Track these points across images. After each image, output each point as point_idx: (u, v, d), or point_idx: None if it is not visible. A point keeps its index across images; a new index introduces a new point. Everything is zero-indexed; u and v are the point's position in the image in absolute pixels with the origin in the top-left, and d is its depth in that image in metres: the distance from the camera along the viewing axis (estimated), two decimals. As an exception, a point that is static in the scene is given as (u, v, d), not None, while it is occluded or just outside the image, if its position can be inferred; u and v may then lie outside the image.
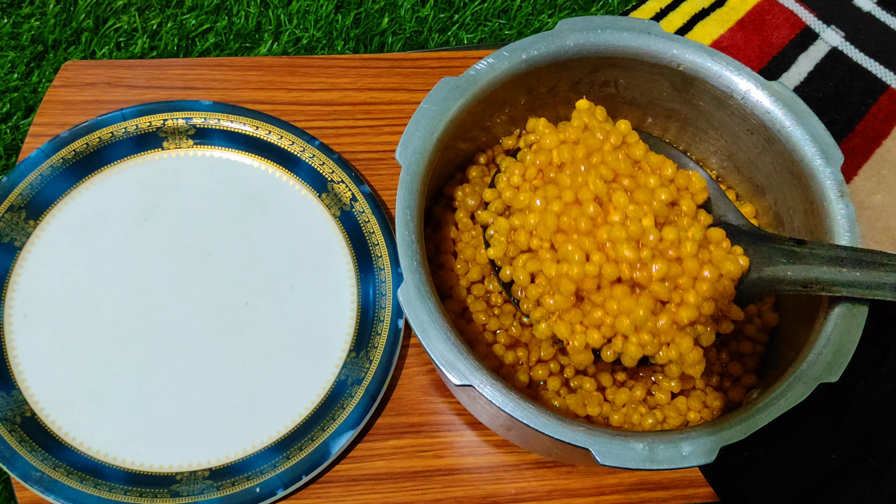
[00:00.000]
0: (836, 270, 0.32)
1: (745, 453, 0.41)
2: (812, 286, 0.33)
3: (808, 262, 0.33)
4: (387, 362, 0.40)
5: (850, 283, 0.32)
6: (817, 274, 0.32)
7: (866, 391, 0.43)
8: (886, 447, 0.42)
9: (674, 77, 0.38)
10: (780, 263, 0.34)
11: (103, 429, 0.39)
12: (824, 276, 0.32)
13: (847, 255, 0.32)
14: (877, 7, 0.57)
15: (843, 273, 0.32)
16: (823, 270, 0.32)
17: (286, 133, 0.45)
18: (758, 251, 0.35)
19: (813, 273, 0.33)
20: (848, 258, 0.32)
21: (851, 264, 0.32)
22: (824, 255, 0.33)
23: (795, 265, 0.33)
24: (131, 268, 0.43)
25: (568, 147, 0.35)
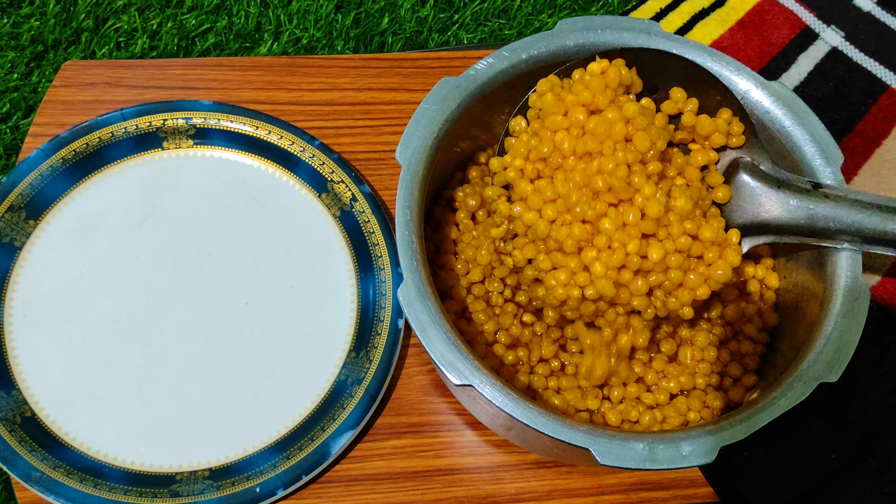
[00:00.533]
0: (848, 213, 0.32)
1: (745, 453, 0.41)
2: (826, 234, 0.33)
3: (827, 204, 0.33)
4: (387, 362, 0.40)
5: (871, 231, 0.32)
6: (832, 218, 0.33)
7: (866, 391, 0.43)
8: (886, 447, 0.42)
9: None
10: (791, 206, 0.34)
11: (103, 429, 0.39)
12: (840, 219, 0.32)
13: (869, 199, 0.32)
14: (877, 7, 0.57)
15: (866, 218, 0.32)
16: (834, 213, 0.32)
17: (286, 133, 0.45)
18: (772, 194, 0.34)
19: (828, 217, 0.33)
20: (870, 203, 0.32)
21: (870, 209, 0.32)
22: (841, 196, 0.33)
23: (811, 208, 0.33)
24: (131, 268, 0.43)
25: (570, 137, 0.33)
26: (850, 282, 0.34)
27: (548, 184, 0.34)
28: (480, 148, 0.42)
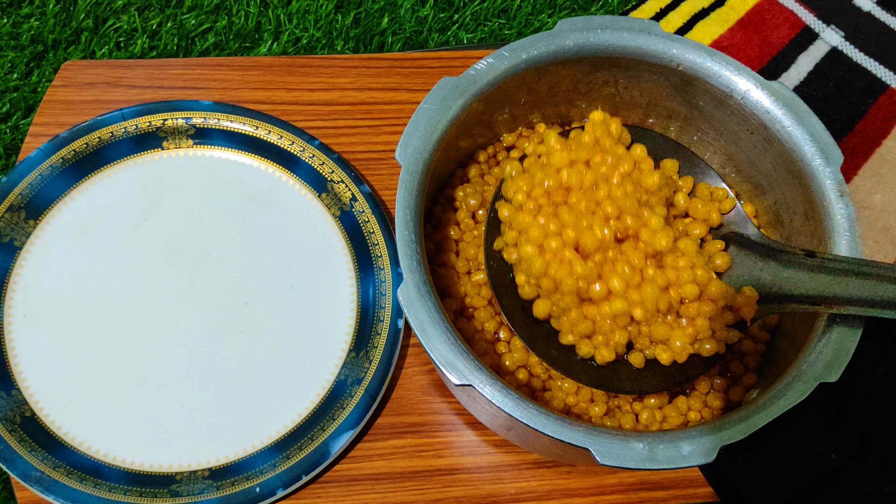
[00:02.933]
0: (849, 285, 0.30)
1: (745, 453, 0.41)
2: (822, 303, 0.31)
3: (819, 275, 0.31)
4: (387, 362, 0.40)
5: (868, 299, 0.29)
6: (830, 290, 0.31)
7: (866, 390, 0.43)
8: (886, 446, 0.42)
9: (674, 77, 0.38)
10: (790, 279, 0.33)
11: (103, 429, 0.39)
12: (838, 291, 0.31)
13: (864, 269, 0.30)
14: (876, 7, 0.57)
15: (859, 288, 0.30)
16: (836, 286, 0.31)
17: (286, 133, 0.45)
18: (768, 265, 0.34)
19: (824, 289, 0.31)
20: (865, 272, 0.30)
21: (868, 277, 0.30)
22: (837, 267, 0.31)
23: (806, 280, 0.32)
24: (131, 268, 0.43)
25: (577, 171, 0.34)
26: (850, 282, 0.33)
27: (550, 217, 0.34)
28: (481, 147, 0.42)
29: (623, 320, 0.33)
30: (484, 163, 0.42)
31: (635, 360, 0.35)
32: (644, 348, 0.35)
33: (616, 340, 0.34)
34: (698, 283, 0.33)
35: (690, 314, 0.34)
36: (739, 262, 0.36)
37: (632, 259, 0.33)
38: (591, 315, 0.34)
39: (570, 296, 0.33)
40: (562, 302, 0.34)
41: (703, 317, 0.34)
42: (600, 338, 0.34)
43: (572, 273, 0.33)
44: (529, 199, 0.35)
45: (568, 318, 0.34)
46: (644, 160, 0.35)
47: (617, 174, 0.34)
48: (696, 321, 0.34)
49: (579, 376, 0.35)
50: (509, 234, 0.36)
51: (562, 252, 0.33)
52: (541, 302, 0.35)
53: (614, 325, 0.34)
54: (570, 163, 0.35)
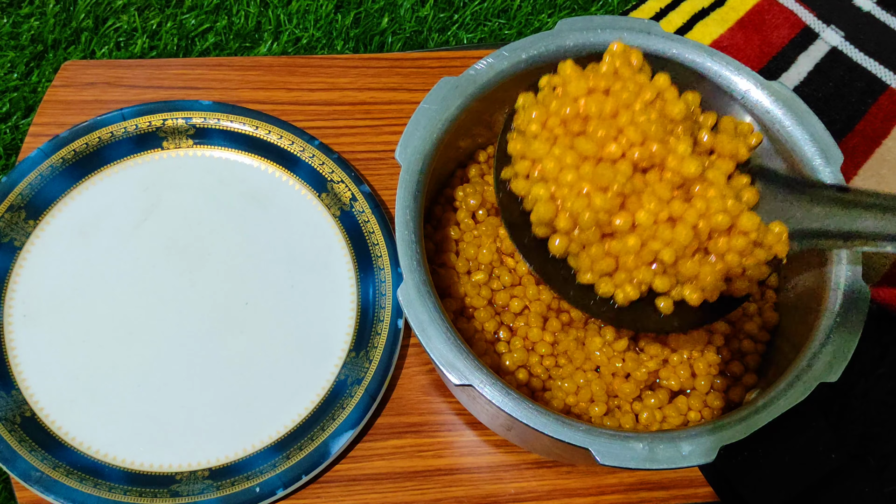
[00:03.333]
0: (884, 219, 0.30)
1: (745, 453, 0.41)
2: (855, 239, 0.30)
3: (853, 210, 0.31)
4: (387, 362, 0.40)
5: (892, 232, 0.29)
6: (864, 224, 0.30)
7: (866, 391, 0.43)
8: (886, 447, 0.42)
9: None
10: (821, 214, 0.31)
11: (103, 429, 0.39)
12: (871, 226, 0.30)
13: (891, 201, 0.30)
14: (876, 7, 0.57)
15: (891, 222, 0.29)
16: (870, 220, 0.30)
17: (286, 133, 0.45)
18: (798, 201, 0.32)
19: (857, 224, 0.30)
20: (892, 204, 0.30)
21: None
22: (871, 202, 0.30)
23: (839, 215, 0.31)
24: (131, 268, 0.43)
25: (596, 99, 0.31)
26: (850, 282, 0.34)
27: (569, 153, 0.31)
28: (481, 147, 0.42)
29: (649, 256, 0.31)
30: (484, 163, 0.42)
31: (663, 306, 0.32)
32: (671, 288, 0.32)
33: (640, 278, 0.31)
34: (729, 213, 0.31)
35: (720, 250, 0.31)
36: (768, 197, 0.33)
37: (658, 190, 0.31)
38: (615, 251, 0.31)
39: (590, 230, 0.31)
40: (581, 237, 0.31)
41: (733, 251, 0.31)
42: (623, 275, 0.32)
43: (591, 206, 0.30)
44: (544, 130, 0.32)
45: (588, 254, 0.31)
46: (668, 89, 0.32)
47: (639, 101, 0.31)
48: (726, 257, 0.31)
49: (599, 314, 0.33)
50: (521, 163, 0.33)
51: (579, 185, 0.31)
52: (557, 237, 0.32)
53: (639, 261, 0.31)
54: (587, 91, 0.32)
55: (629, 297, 0.32)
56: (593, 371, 0.37)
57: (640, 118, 0.31)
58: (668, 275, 0.31)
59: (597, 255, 0.31)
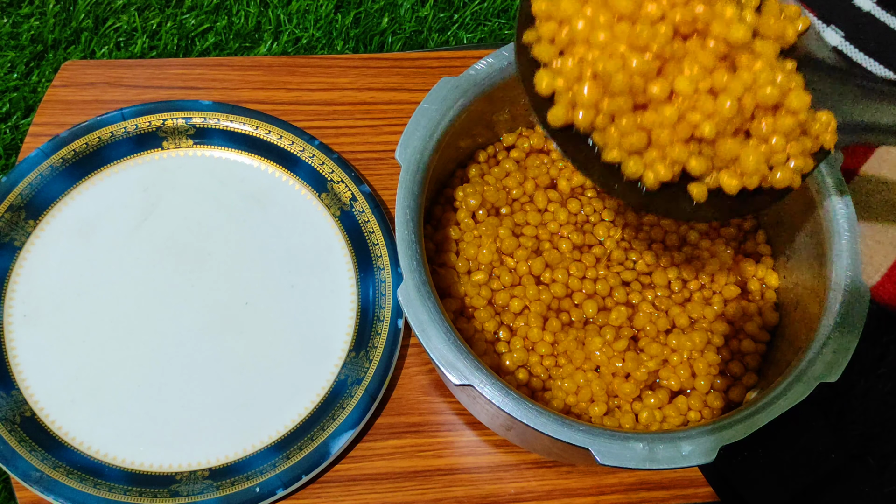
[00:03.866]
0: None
1: (745, 453, 0.41)
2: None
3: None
4: (387, 362, 0.40)
5: None
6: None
7: (866, 390, 0.43)
8: (886, 446, 0.42)
9: None
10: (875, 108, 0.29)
11: (103, 429, 0.39)
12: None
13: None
14: (877, 7, 0.57)
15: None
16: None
17: (286, 133, 0.45)
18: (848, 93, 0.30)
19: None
20: None
21: None
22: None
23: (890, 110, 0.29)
24: (131, 267, 0.43)
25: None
26: (850, 282, 0.34)
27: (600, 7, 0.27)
28: (481, 147, 0.42)
29: (686, 131, 0.27)
30: (484, 163, 0.42)
31: (696, 192, 0.29)
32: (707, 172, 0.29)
33: (675, 157, 0.28)
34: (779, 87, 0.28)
35: (764, 132, 0.28)
36: (814, 87, 0.29)
37: (701, 57, 0.27)
38: (647, 123, 0.28)
39: (623, 96, 0.27)
40: (611, 105, 0.27)
41: (779, 133, 0.28)
42: (654, 153, 0.28)
43: (626, 68, 0.26)
44: None
45: (618, 126, 0.28)
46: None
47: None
48: (771, 139, 0.28)
49: (624, 196, 0.29)
50: (546, 25, 0.29)
51: (612, 45, 0.27)
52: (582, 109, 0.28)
53: (675, 136, 0.28)
54: None
55: (660, 178, 0.28)
56: (593, 371, 0.37)
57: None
58: (705, 156, 0.28)
59: (628, 127, 0.28)
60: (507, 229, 0.39)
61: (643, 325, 0.38)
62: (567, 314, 0.38)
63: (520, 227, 0.40)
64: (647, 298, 0.39)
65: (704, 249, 0.40)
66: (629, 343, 0.37)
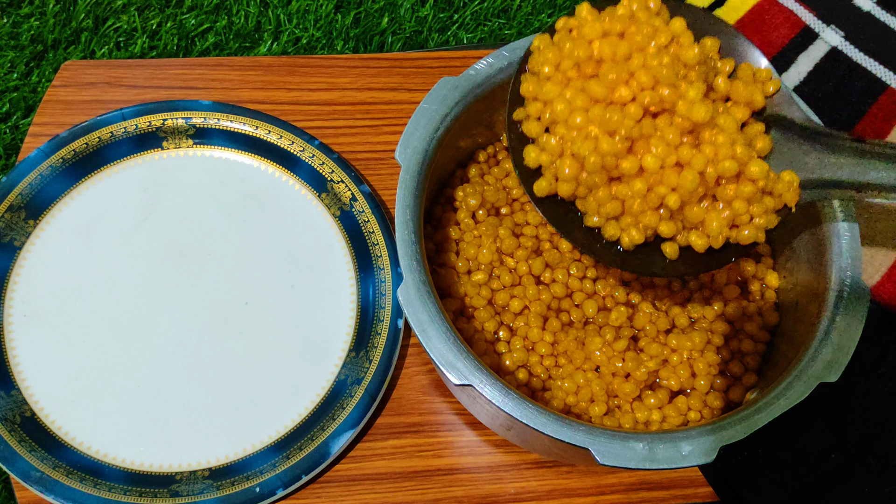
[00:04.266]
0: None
1: (745, 453, 0.41)
2: (867, 190, 0.31)
3: (869, 161, 0.31)
4: (386, 362, 0.40)
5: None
6: (878, 175, 0.30)
7: (866, 390, 0.43)
8: (886, 446, 0.42)
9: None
10: (836, 164, 0.31)
11: (103, 429, 0.39)
12: (885, 178, 0.30)
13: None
14: (877, 7, 0.57)
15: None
16: (884, 171, 0.30)
17: (286, 133, 0.45)
18: (813, 150, 0.32)
19: (872, 174, 0.30)
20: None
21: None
22: (887, 153, 0.30)
23: (853, 165, 0.31)
24: (131, 268, 0.43)
25: (610, 41, 0.31)
26: (850, 282, 0.34)
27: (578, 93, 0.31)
28: (480, 147, 0.42)
29: (655, 201, 0.31)
30: (484, 163, 0.42)
31: (669, 251, 0.32)
32: (676, 233, 0.32)
33: (646, 223, 0.31)
34: (738, 160, 0.30)
35: (728, 196, 0.31)
36: (782, 146, 0.33)
37: (667, 135, 0.30)
38: (621, 195, 0.31)
39: (596, 174, 0.31)
40: (588, 180, 0.31)
41: (741, 199, 0.31)
42: (629, 219, 0.32)
43: (598, 150, 0.30)
44: (558, 72, 0.32)
45: (595, 197, 0.31)
46: (683, 33, 0.32)
47: (653, 45, 0.31)
48: (733, 204, 0.31)
49: (604, 257, 0.33)
50: (533, 105, 0.32)
51: (587, 128, 0.30)
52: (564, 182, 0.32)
53: (645, 205, 0.31)
54: (602, 34, 0.31)
55: (634, 241, 0.32)
56: (593, 371, 0.37)
57: (652, 62, 0.30)
58: (675, 220, 0.31)
59: (603, 198, 0.31)
60: (507, 229, 0.39)
61: (643, 325, 0.38)
62: (567, 314, 0.38)
63: (520, 227, 0.40)
64: (647, 298, 0.39)
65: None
66: (629, 343, 0.37)
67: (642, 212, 0.31)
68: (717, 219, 0.31)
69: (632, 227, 0.31)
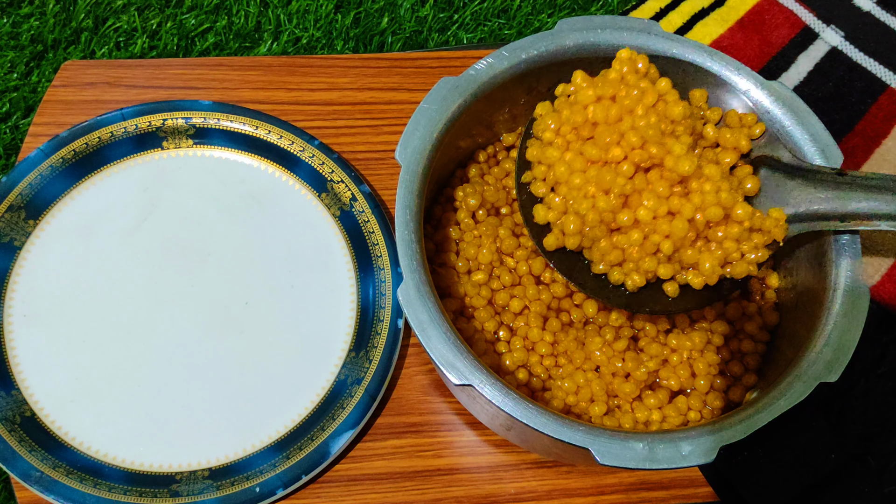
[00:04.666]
0: (876, 199, 0.32)
1: (745, 453, 0.41)
2: (851, 219, 0.33)
3: (849, 192, 0.33)
4: (386, 362, 0.40)
5: (891, 214, 0.32)
6: (858, 205, 0.33)
7: (866, 390, 0.43)
8: (886, 446, 0.42)
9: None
10: (819, 197, 0.34)
11: (103, 429, 0.39)
12: (864, 207, 0.32)
13: (889, 183, 0.32)
14: (876, 7, 0.57)
15: (884, 202, 0.32)
16: (864, 201, 0.32)
17: (286, 133, 0.45)
18: (798, 186, 0.34)
19: (853, 204, 0.33)
20: (891, 186, 0.32)
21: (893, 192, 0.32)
22: (866, 183, 0.33)
23: (835, 197, 0.33)
24: (131, 268, 0.43)
25: (602, 105, 0.34)
26: (850, 282, 0.34)
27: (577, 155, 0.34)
28: (481, 147, 0.42)
29: (651, 248, 0.34)
30: (484, 163, 0.42)
31: (670, 290, 0.35)
32: (675, 274, 0.34)
33: (646, 267, 0.34)
34: (723, 206, 0.33)
35: (718, 238, 0.34)
36: (770, 184, 0.35)
37: (657, 188, 0.33)
38: (621, 244, 0.34)
39: (597, 228, 0.33)
40: (590, 234, 0.34)
41: (730, 239, 0.34)
42: (630, 265, 0.34)
43: (595, 207, 0.33)
44: (558, 137, 0.35)
45: (598, 248, 0.34)
46: (669, 92, 0.34)
47: (641, 106, 0.34)
48: (723, 244, 0.34)
49: (612, 300, 0.35)
50: (538, 168, 0.36)
51: (585, 188, 0.33)
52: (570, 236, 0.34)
53: (643, 252, 0.34)
54: (596, 99, 0.34)
55: (637, 284, 0.34)
56: (593, 371, 0.37)
57: (640, 122, 0.33)
58: (672, 262, 0.34)
59: (605, 248, 0.34)
60: (507, 229, 0.39)
61: (643, 325, 0.38)
62: (567, 314, 0.38)
63: (520, 226, 0.40)
64: (647, 298, 0.39)
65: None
66: (629, 343, 0.37)
67: (641, 258, 0.34)
68: (710, 259, 0.34)
69: (633, 272, 0.34)
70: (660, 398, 0.36)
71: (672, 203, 0.33)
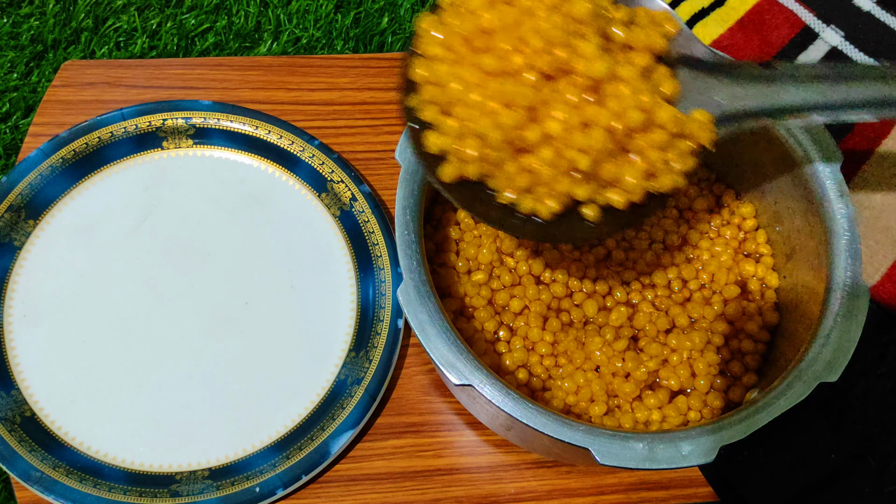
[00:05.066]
0: (807, 90, 0.30)
1: (745, 453, 0.41)
2: (781, 114, 0.30)
3: (779, 85, 0.30)
4: (386, 362, 0.40)
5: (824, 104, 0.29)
6: (788, 98, 0.30)
7: (866, 390, 0.43)
8: (886, 446, 0.42)
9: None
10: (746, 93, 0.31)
11: (103, 429, 0.39)
12: (795, 99, 0.30)
13: (819, 71, 0.30)
14: (876, 7, 0.57)
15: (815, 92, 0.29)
16: (794, 92, 0.30)
17: (286, 133, 0.45)
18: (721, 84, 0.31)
19: (783, 97, 0.30)
20: (821, 74, 0.30)
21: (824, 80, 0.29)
22: (796, 74, 0.30)
23: (763, 91, 0.31)
24: (131, 268, 0.43)
25: (497, 10, 0.29)
26: (850, 282, 0.34)
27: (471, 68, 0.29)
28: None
29: (566, 165, 0.29)
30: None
31: (590, 214, 0.31)
32: (594, 195, 0.31)
33: (560, 189, 0.30)
34: (644, 109, 0.29)
35: (639, 147, 0.30)
36: (691, 86, 0.32)
37: (567, 95, 0.29)
38: (530, 165, 0.30)
39: (502, 149, 0.29)
40: (494, 157, 0.29)
41: (653, 147, 0.30)
42: (543, 189, 0.30)
43: (499, 125, 0.28)
44: (448, 52, 0.30)
45: (503, 173, 0.30)
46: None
47: (542, 6, 0.29)
48: (646, 154, 0.30)
49: (526, 233, 0.31)
50: (427, 89, 0.30)
51: (485, 104, 0.29)
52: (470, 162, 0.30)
53: (556, 171, 0.30)
54: (489, 3, 0.30)
55: (553, 210, 0.30)
56: (593, 371, 0.37)
57: (543, 25, 0.28)
58: (590, 181, 0.30)
59: (512, 172, 0.30)
60: (506, 229, 0.39)
61: (643, 325, 0.38)
62: (567, 314, 0.38)
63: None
64: (647, 298, 0.39)
65: (705, 250, 0.40)
66: (629, 343, 0.37)
67: (555, 179, 0.30)
68: (633, 172, 0.30)
69: (547, 197, 0.30)
70: (660, 398, 0.36)
71: (586, 112, 0.29)
